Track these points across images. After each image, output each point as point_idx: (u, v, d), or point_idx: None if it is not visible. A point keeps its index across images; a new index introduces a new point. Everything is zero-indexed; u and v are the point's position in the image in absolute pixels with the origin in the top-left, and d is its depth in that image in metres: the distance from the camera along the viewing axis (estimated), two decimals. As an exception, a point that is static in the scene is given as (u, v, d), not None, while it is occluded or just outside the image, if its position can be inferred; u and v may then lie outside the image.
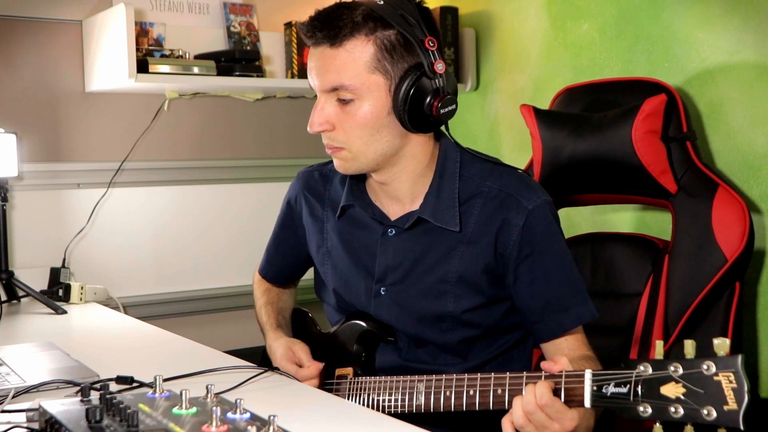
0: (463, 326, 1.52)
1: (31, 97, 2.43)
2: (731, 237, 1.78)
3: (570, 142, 1.97)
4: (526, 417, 1.24)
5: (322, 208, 1.66)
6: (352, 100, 1.43)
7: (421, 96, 1.42)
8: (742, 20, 2.00)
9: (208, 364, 1.50)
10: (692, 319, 1.79)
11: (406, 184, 1.52)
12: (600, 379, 1.20)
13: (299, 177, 1.73)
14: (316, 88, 1.47)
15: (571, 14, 2.43)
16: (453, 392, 1.37)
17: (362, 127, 1.44)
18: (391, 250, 1.55)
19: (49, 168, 2.44)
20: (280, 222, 1.77)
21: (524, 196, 1.48)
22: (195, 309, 2.67)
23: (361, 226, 1.59)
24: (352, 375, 1.55)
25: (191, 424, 1.01)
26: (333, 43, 1.41)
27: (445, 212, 1.50)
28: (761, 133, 1.98)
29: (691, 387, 1.10)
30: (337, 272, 1.62)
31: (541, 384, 1.24)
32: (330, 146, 1.48)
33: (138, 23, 2.47)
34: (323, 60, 1.43)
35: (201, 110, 2.69)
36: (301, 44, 2.70)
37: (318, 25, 1.42)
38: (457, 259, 1.50)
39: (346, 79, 1.41)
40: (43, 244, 2.43)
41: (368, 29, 1.40)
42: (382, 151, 1.47)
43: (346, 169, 1.51)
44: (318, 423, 1.26)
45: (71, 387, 1.37)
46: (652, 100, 1.87)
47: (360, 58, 1.41)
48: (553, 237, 1.50)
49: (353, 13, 1.41)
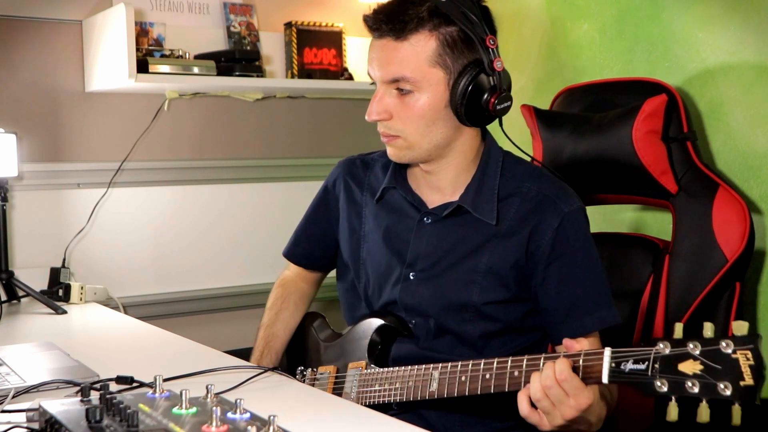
0: (484, 319, 1.55)
1: (31, 97, 2.43)
2: (731, 237, 1.78)
3: (570, 142, 1.97)
4: (544, 391, 1.27)
5: (361, 192, 1.70)
6: (411, 92, 1.48)
7: (478, 91, 1.48)
8: (742, 20, 2.00)
9: (208, 364, 1.50)
10: (692, 319, 1.79)
11: (451, 175, 1.57)
12: (619, 357, 1.21)
13: (340, 164, 1.77)
14: (377, 79, 1.52)
15: (571, 14, 2.43)
16: (468, 377, 1.39)
17: (419, 118, 1.49)
18: (425, 237, 1.59)
19: (49, 168, 2.44)
20: (314, 204, 1.80)
21: (561, 200, 1.53)
22: (195, 309, 2.67)
23: (397, 211, 1.63)
24: (364, 368, 1.57)
25: (191, 424, 1.01)
26: (398, 36, 1.46)
27: (484, 205, 1.54)
28: (761, 133, 1.98)
29: (708, 363, 1.12)
30: (371, 256, 1.66)
31: (561, 360, 1.27)
32: (386, 134, 1.54)
33: (138, 23, 2.47)
34: (386, 52, 1.48)
35: (201, 110, 2.69)
36: (301, 44, 2.70)
37: (384, 18, 1.47)
38: (488, 251, 1.54)
39: (407, 71, 1.46)
40: (43, 244, 2.43)
41: (432, 25, 1.46)
42: (436, 142, 1.52)
43: (399, 158, 1.56)
44: (318, 423, 1.26)
45: (71, 387, 1.37)
46: (653, 101, 1.87)
47: (422, 52, 1.46)
48: (585, 241, 1.54)
49: (419, 8, 1.46)
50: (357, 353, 1.61)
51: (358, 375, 1.57)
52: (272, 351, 1.75)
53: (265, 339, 1.77)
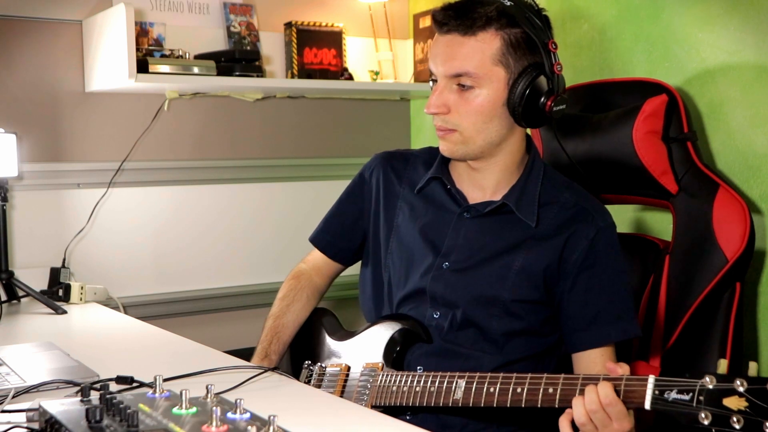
0: (510, 316, 1.57)
1: (31, 97, 2.43)
2: (732, 237, 1.78)
3: (570, 143, 1.97)
4: (588, 416, 1.28)
5: (399, 183, 1.73)
6: (472, 87, 1.53)
7: (537, 92, 1.54)
8: (742, 20, 2.00)
9: (208, 364, 1.50)
10: (693, 319, 1.79)
11: (496, 175, 1.62)
12: (662, 385, 1.22)
13: (378, 155, 1.80)
14: (439, 74, 1.56)
15: (571, 14, 2.43)
16: (497, 388, 1.40)
17: (477, 113, 1.54)
18: (464, 231, 1.62)
19: (49, 168, 2.44)
20: (347, 192, 1.82)
21: (598, 214, 1.60)
22: (195, 309, 2.67)
23: (436, 204, 1.67)
24: (380, 369, 1.58)
25: (191, 424, 1.01)
26: (466, 32, 1.51)
27: (526, 207, 1.59)
28: (761, 133, 1.98)
29: (754, 401, 1.13)
30: (402, 246, 1.68)
31: (604, 384, 1.28)
32: (442, 128, 1.57)
33: (138, 23, 2.47)
34: (452, 47, 1.53)
35: (201, 110, 2.69)
36: (301, 44, 2.70)
37: (453, 14, 1.53)
38: (524, 251, 1.58)
39: (471, 66, 1.51)
40: (43, 244, 2.43)
41: (499, 24, 1.51)
42: (490, 139, 1.56)
43: (453, 152, 1.59)
44: (318, 423, 1.26)
45: (71, 387, 1.37)
46: (653, 101, 1.87)
47: (487, 50, 1.51)
48: (616, 255, 1.60)
49: (488, 8, 1.52)
50: (373, 353, 1.61)
51: (372, 376, 1.57)
52: (280, 342, 1.76)
53: (275, 329, 1.77)
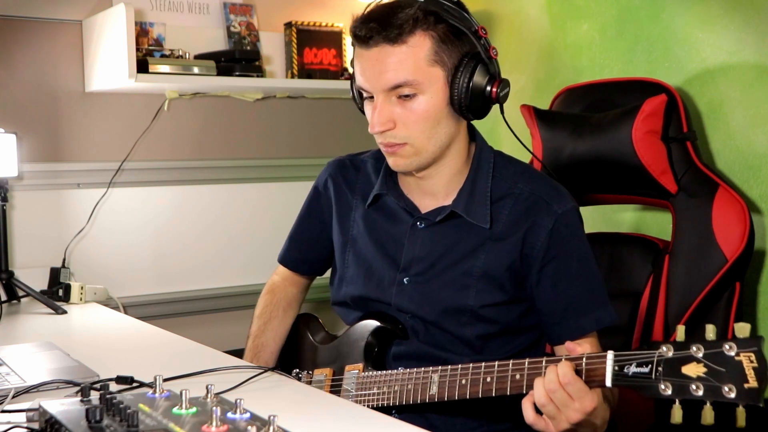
0: (481, 321, 1.54)
1: (31, 97, 2.43)
2: (731, 237, 1.78)
3: (570, 143, 1.97)
4: (548, 395, 1.26)
5: (351, 195, 1.68)
6: (414, 95, 1.46)
7: (480, 81, 1.47)
8: (742, 20, 2.00)
9: (208, 364, 1.49)
10: (692, 319, 1.79)
11: (444, 179, 1.55)
12: (622, 360, 1.21)
13: (330, 164, 1.75)
14: (373, 90, 1.48)
15: (571, 14, 2.43)
16: (469, 380, 1.38)
17: (425, 120, 1.47)
18: (419, 242, 1.57)
19: (49, 168, 2.44)
20: (306, 208, 1.78)
21: (554, 201, 1.52)
22: (195, 309, 2.67)
23: (389, 216, 1.62)
24: (361, 370, 1.57)
25: (191, 424, 1.01)
26: (395, 41, 1.44)
27: (477, 209, 1.53)
28: (761, 133, 1.98)
29: (712, 366, 1.12)
30: (360, 260, 1.64)
31: (564, 363, 1.26)
32: (390, 144, 1.50)
33: (138, 23, 2.47)
34: (382, 59, 1.45)
35: (201, 110, 2.69)
36: (301, 44, 2.70)
37: (376, 27, 1.44)
38: (483, 254, 1.52)
39: (408, 74, 1.44)
40: (43, 244, 2.43)
41: (426, 24, 1.44)
42: (440, 143, 1.50)
43: (407, 166, 1.52)
44: (318, 423, 1.26)
45: (71, 387, 1.37)
46: (653, 101, 1.87)
47: (420, 53, 1.44)
48: (579, 242, 1.54)
49: (408, 10, 1.44)
50: (353, 356, 1.60)
51: (355, 378, 1.57)
52: (261, 361, 1.74)
53: (254, 350, 1.76)
